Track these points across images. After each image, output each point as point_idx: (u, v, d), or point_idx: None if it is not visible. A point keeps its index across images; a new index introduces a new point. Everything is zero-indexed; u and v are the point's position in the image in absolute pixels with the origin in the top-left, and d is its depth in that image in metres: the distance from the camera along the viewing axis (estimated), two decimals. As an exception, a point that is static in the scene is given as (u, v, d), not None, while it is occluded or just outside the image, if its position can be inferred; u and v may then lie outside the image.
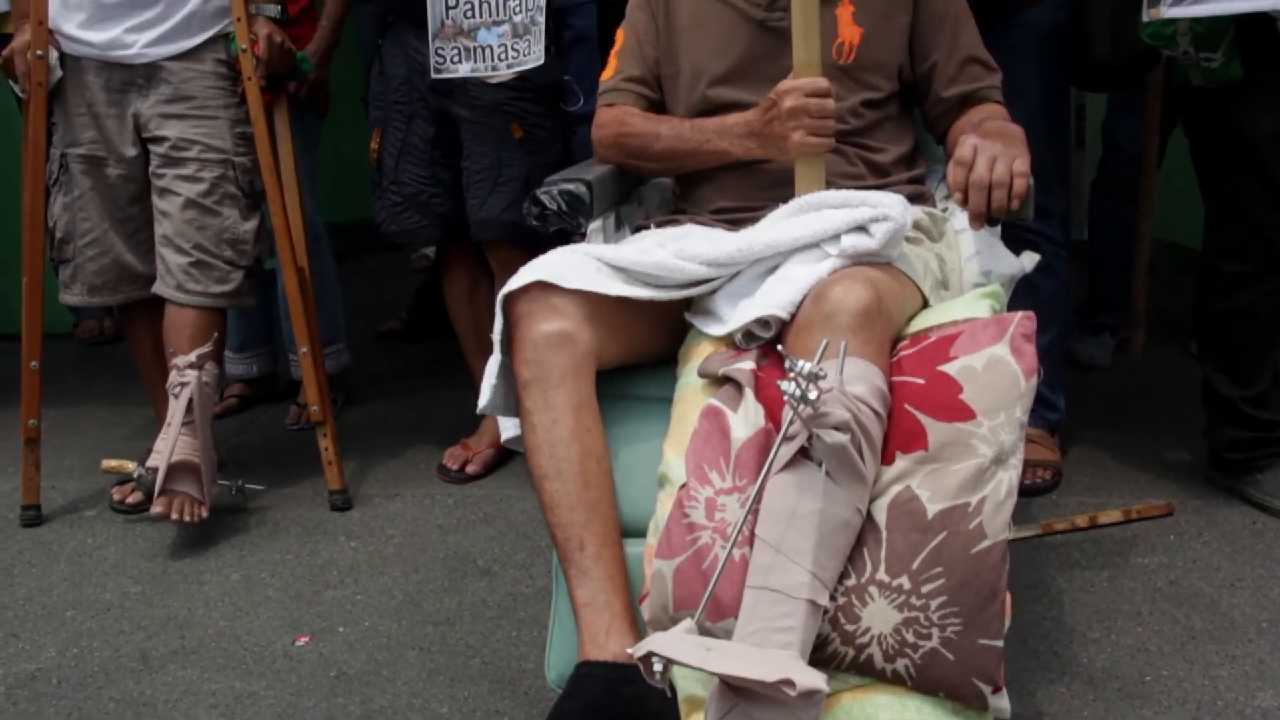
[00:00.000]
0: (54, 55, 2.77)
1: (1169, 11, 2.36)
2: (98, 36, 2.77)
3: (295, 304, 2.93)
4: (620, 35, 2.30)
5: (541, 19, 2.61)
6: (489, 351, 1.88)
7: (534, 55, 2.63)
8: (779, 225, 1.82)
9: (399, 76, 2.96)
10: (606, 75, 2.28)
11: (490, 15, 2.61)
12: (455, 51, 2.67)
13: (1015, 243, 2.15)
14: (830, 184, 1.98)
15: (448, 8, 2.65)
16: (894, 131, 2.17)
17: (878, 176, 2.11)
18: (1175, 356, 3.63)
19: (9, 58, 2.80)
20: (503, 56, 2.63)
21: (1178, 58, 2.47)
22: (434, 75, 2.72)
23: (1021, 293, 2.14)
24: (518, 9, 2.62)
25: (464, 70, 2.69)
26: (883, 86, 2.14)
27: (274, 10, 2.85)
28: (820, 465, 1.53)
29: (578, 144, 2.90)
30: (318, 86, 3.44)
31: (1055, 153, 2.91)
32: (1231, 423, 2.68)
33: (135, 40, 2.77)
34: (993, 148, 1.83)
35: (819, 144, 1.94)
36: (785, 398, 1.50)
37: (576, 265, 1.80)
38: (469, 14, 2.63)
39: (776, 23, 2.13)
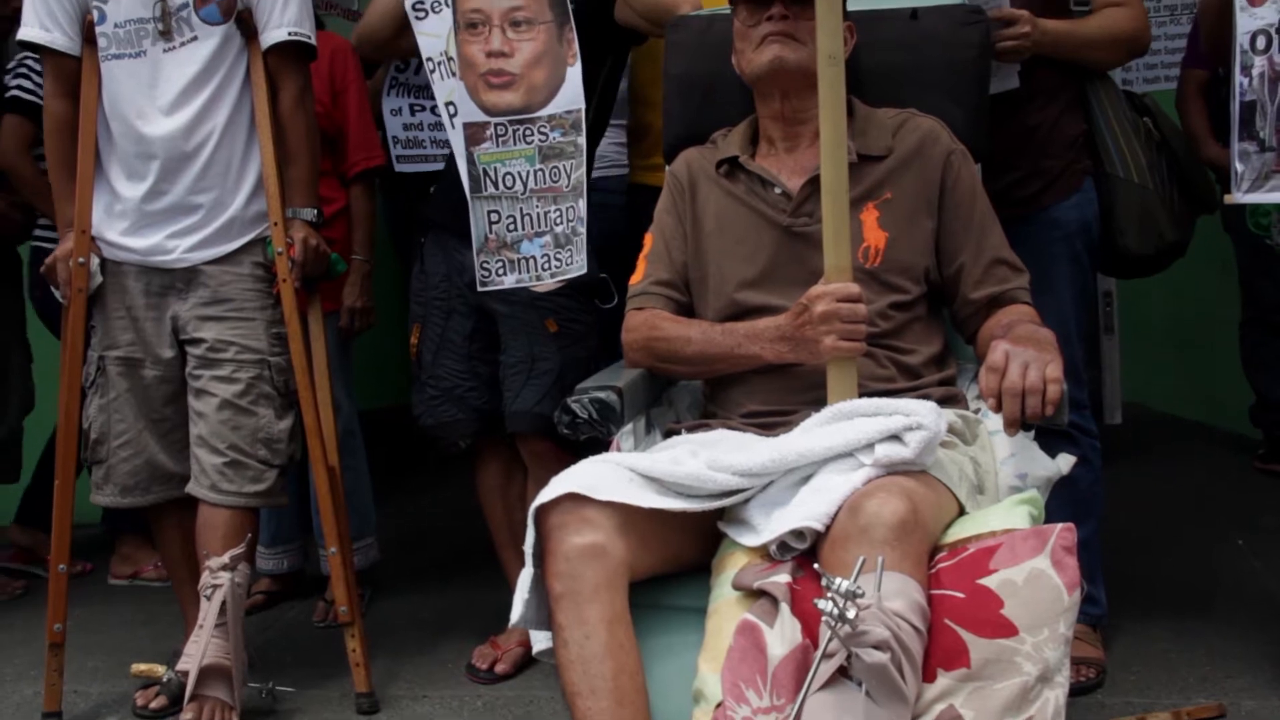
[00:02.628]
0: (95, 262, 2.83)
1: (1242, 197, 2.40)
2: (140, 243, 2.83)
3: (325, 503, 2.92)
4: (649, 239, 2.34)
5: (583, 229, 2.66)
6: (520, 543, 1.86)
7: (577, 264, 2.68)
8: (812, 434, 1.82)
9: (439, 274, 3.02)
10: (636, 279, 2.31)
11: (532, 228, 2.67)
12: (500, 264, 2.72)
13: (1049, 435, 2.14)
14: (861, 387, 1.98)
15: (490, 223, 2.72)
16: (923, 332, 2.18)
17: (909, 378, 2.11)
18: (1220, 543, 3.57)
19: (51, 265, 2.86)
20: (546, 266, 2.68)
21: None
22: (480, 288, 2.76)
23: (1058, 484, 2.11)
24: (559, 220, 2.67)
25: (509, 282, 2.74)
26: (910, 289, 2.15)
27: (311, 214, 2.92)
28: (860, 685, 1.50)
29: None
30: (365, 315, 3.57)
31: (1085, 344, 2.91)
32: None
33: (176, 246, 2.83)
34: (1025, 353, 1.82)
35: (851, 348, 1.95)
36: (823, 617, 1.47)
37: (609, 476, 1.79)
38: (511, 227, 2.69)
39: (802, 228, 2.16)
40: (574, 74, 2.64)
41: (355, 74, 3.55)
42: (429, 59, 2.80)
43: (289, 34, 2.80)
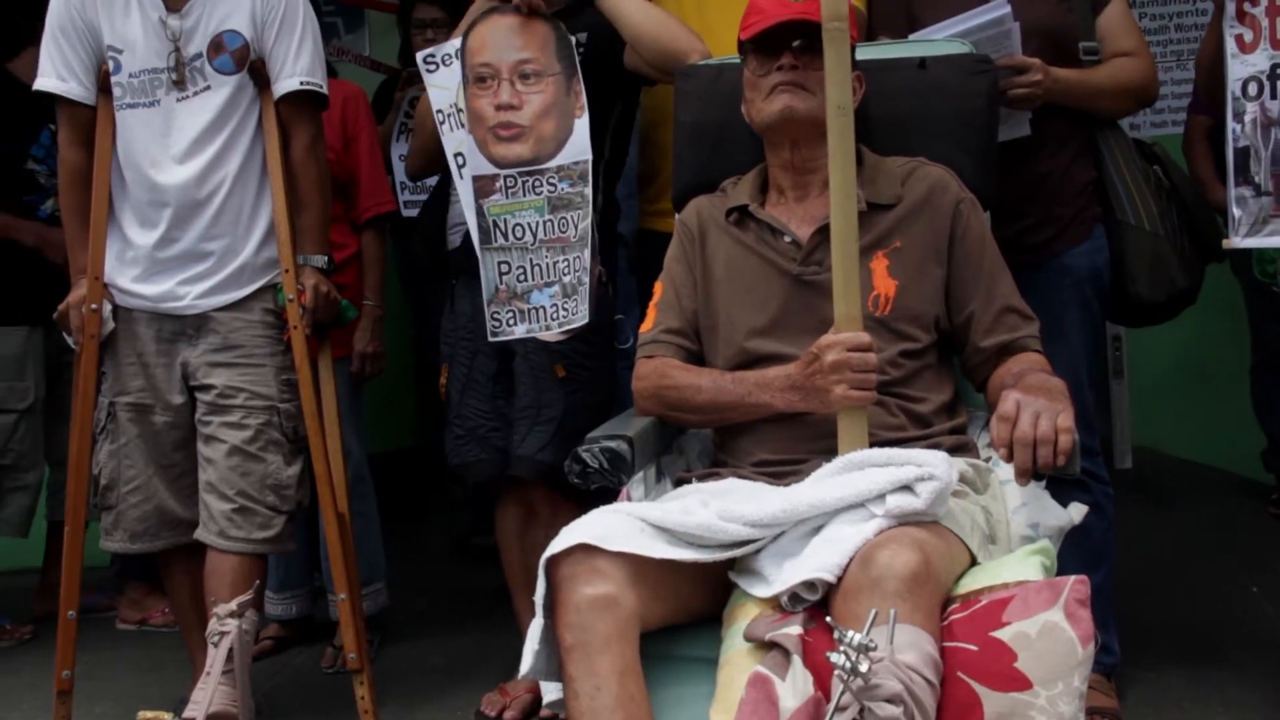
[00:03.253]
0: (107, 308, 2.84)
1: (1240, 242, 2.42)
2: (151, 290, 2.84)
3: (335, 550, 2.91)
4: (658, 288, 2.34)
5: (588, 279, 2.67)
6: (534, 589, 1.86)
7: (581, 314, 2.69)
8: (823, 484, 1.81)
9: (466, 314, 3.03)
10: (646, 327, 2.31)
11: (542, 278, 2.69)
12: (510, 314, 2.74)
13: (1061, 482, 2.13)
14: (872, 435, 1.98)
15: (501, 274, 2.73)
16: (933, 381, 2.17)
17: (919, 427, 2.11)
18: (1234, 588, 3.55)
19: (64, 311, 2.86)
20: (554, 316, 2.69)
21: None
22: (491, 338, 2.78)
23: (1070, 531, 2.10)
24: (566, 270, 2.69)
25: (519, 331, 2.76)
26: (920, 337, 2.15)
27: (321, 261, 2.92)
28: (873, 739, 1.49)
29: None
30: (376, 360, 3.59)
31: (1096, 390, 2.90)
32: None
33: (187, 292, 2.84)
34: (1036, 403, 1.82)
35: (862, 398, 1.95)
36: (836, 670, 1.46)
37: (619, 526, 1.79)
38: (521, 278, 2.71)
39: (812, 276, 2.16)
40: (581, 125, 2.66)
41: (367, 121, 3.58)
42: (439, 110, 2.82)
43: (301, 83, 2.82)
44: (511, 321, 2.75)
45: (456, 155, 2.79)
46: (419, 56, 2.85)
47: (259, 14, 2.80)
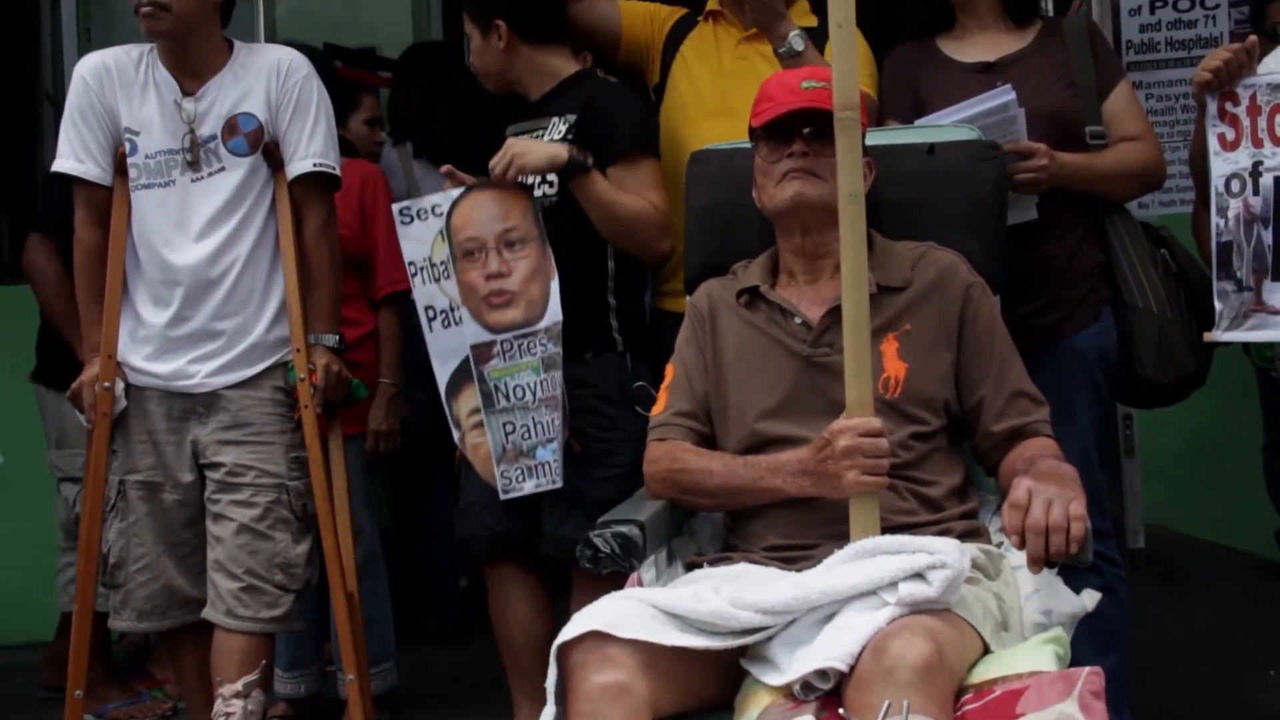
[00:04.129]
0: (119, 386, 2.85)
1: (1222, 336, 2.45)
2: (163, 368, 2.85)
3: (344, 630, 2.90)
4: (670, 370, 2.35)
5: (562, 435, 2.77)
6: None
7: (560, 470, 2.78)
8: (835, 572, 1.81)
9: None
10: (657, 410, 2.32)
11: (544, 435, 2.76)
12: (519, 471, 2.79)
13: (1074, 568, 2.11)
14: (883, 520, 1.98)
15: (506, 434, 2.79)
16: (944, 464, 2.17)
17: (930, 511, 2.10)
18: (1249, 672, 3.51)
19: (77, 389, 2.88)
20: (559, 471, 2.77)
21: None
22: (502, 496, 2.82)
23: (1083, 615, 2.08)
24: (562, 426, 2.77)
25: (529, 488, 2.82)
26: (930, 420, 2.15)
27: (332, 340, 2.94)
28: (887, 832, 1.47)
29: None
30: (391, 438, 3.60)
31: (1107, 472, 2.89)
32: None
33: (198, 371, 2.85)
34: (1048, 490, 1.82)
35: (873, 483, 1.95)
36: (849, 763, 1.45)
37: (631, 613, 1.78)
38: (526, 436, 2.78)
39: (822, 358, 2.17)
40: (555, 286, 2.75)
41: (384, 199, 3.60)
42: (411, 263, 2.88)
43: (315, 165, 2.85)
44: (520, 479, 2.81)
45: (427, 308, 2.86)
46: (394, 208, 2.91)
47: (273, 97, 2.84)
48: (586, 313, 2.87)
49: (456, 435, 2.85)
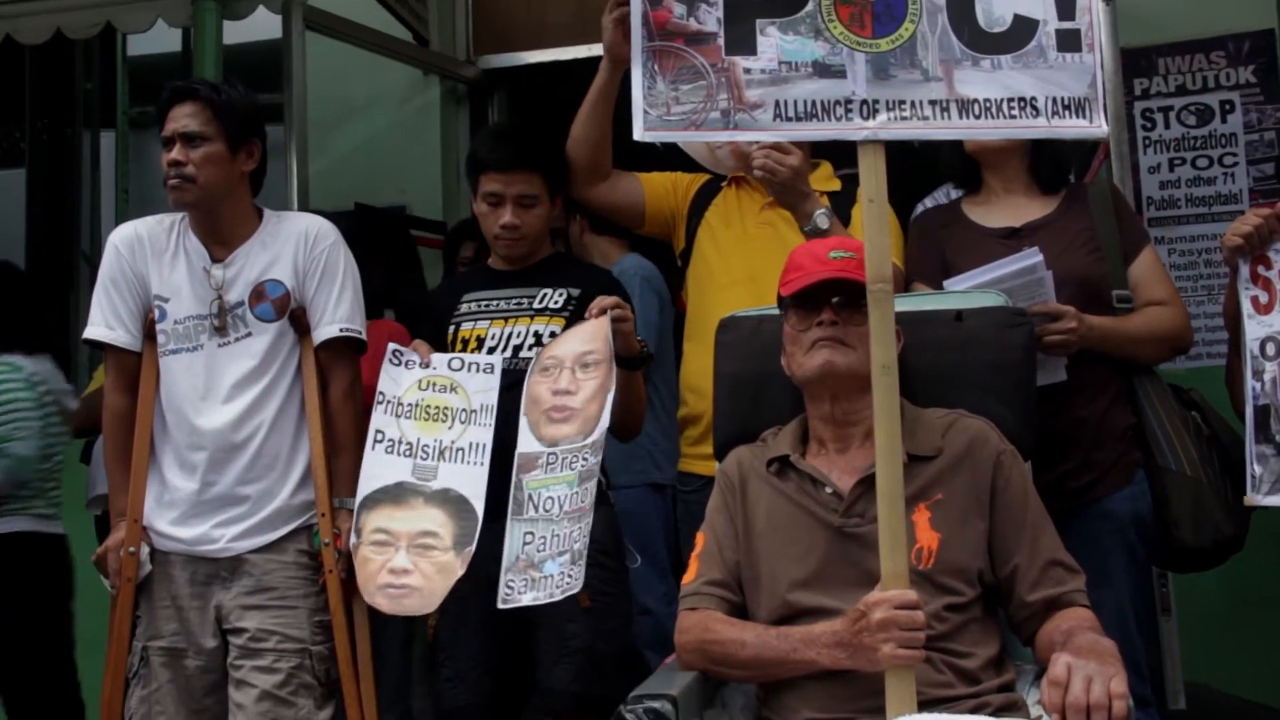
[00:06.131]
0: (145, 551, 2.84)
1: (1262, 500, 2.42)
2: (187, 533, 2.84)
3: (366, 798, 2.84)
4: (700, 538, 2.33)
5: (587, 539, 2.70)
6: None
7: (579, 579, 2.69)
8: (876, 753, 1.77)
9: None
10: (688, 579, 2.29)
11: (558, 548, 2.71)
12: (524, 582, 2.74)
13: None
14: (919, 694, 1.94)
15: (524, 544, 2.75)
16: (979, 634, 2.14)
17: (967, 684, 2.06)
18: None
19: (102, 555, 2.87)
20: (559, 584, 2.70)
21: None
22: (501, 605, 2.76)
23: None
24: (578, 538, 2.71)
25: (527, 600, 2.76)
26: (964, 591, 2.12)
27: (355, 504, 2.92)
28: None
29: None
30: None
31: (1145, 636, 2.84)
32: None
33: (222, 535, 2.84)
34: (1087, 666, 1.80)
35: (910, 656, 1.92)
36: None
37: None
38: (541, 548, 2.73)
39: (854, 528, 2.15)
40: (610, 399, 2.74)
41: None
42: (381, 392, 2.91)
43: (341, 330, 2.88)
44: (522, 590, 2.76)
45: (378, 431, 2.89)
46: (390, 347, 2.95)
47: (301, 265, 2.88)
48: None
49: (352, 542, 2.82)
